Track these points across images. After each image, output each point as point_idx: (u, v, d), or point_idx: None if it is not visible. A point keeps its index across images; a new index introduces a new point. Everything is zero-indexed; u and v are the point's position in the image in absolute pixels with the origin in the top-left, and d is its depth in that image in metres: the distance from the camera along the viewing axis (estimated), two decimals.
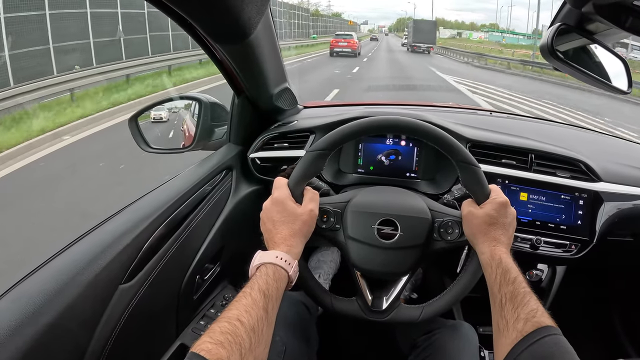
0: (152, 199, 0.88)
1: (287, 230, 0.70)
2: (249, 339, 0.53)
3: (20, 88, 6.23)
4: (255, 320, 0.55)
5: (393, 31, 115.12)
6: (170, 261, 0.86)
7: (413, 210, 0.81)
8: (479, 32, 68.67)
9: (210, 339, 0.50)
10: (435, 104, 1.66)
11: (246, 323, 0.54)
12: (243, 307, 0.56)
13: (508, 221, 0.72)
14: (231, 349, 0.50)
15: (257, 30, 0.78)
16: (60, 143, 5.17)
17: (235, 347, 0.51)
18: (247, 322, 0.54)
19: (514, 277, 0.64)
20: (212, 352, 0.49)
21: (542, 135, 1.19)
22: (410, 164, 1.14)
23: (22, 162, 4.50)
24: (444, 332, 0.91)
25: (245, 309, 0.56)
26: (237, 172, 1.15)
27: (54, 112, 6.10)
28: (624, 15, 0.62)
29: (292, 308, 0.95)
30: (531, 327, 0.56)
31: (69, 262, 0.67)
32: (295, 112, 1.30)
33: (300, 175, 0.75)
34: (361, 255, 0.79)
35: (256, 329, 0.55)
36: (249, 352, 0.52)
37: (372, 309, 0.81)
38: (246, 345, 0.52)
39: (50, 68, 7.86)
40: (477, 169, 0.75)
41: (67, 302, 0.63)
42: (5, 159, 4.51)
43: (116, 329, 0.72)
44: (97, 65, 8.55)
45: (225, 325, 0.53)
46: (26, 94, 6.11)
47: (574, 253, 1.06)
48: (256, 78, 1.01)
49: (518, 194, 1.07)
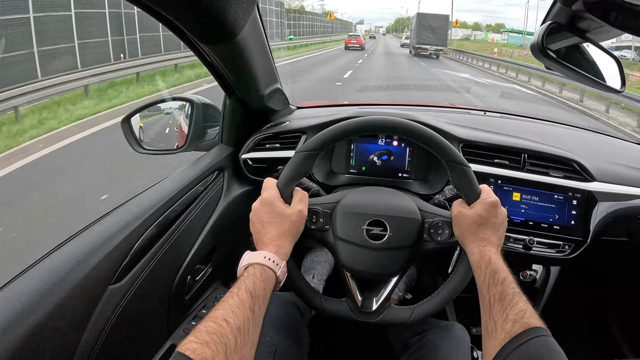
0: (143, 200, 0.88)
1: (276, 230, 0.70)
2: (234, 339, 0.53)
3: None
4: (241, 320, 0.55)
5: (391, 32, 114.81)
6: (161, 262, 0.86)
7: (403, 210, 0.81)
8: (492, 34, 60.89)
9: (195, 339, 0.50)
10: (430, 104, 1.66)
11: (232, 323, 0.54)
12: (229, 307, 0.56)
13: (498, 221, 0.72)
14: (216, 348, 0.50)
15: (244, 31, 0.78)
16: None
17: (220, 347, 0.51)
18: (233, 322, 0.54)
19: (503, 278, 0.63)
20: (197, 352, 0.49)
21: (535, 135, 1.18)
22: (403, 165, 1.13)
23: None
24: (436, 333, 0.91)
25: (232, 309, 0.56)
26: (229, 172, 1.15)
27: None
28: (614, 12, 0.61)
29: (282, 309, 0.94)
30: (520, 328, 0.56)
31: (58, 262, 0.67)
32: (287, 112, 1.30)
33: (289, 176, 0.75)
34: (350, 256, 0.79)
35: (242, 329, 0.55)
36: (235, 352, 0.52)
37: (361, 310, 0.80)
38: (232, 345, 0.52)
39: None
40: (467, 168, 0.74)
41: (57, 302, 0.63)
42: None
43: (106, 329, 0.72)
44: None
45: (211, 325, 0.53)
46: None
47: (567, 253, 1.05)
48: (246, 79, 1.00)
49: (511, 194, 1.06)
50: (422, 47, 23.23)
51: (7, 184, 3.93)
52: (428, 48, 23.05)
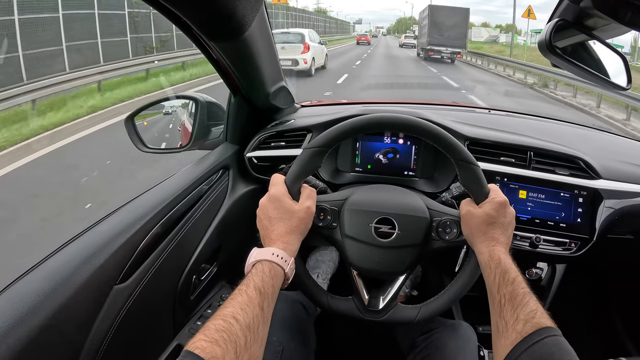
0: (147, 199, 0.87)
1: (284, 227, 0.69)
2: (244, 337, 0.52)
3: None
4: (250, 318, 0.55)
5: (393, 33, 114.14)
6: (166, 261, 0.85)
7: (411, 209, 0.80)
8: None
9: (205, 337, 0.50)
10: (433, 102, 1.66)
11: (241, 321, 0.53)
12: (238, 304, 0.56)
13: (507, 221, 0.71)
14: (226, 347, 0.50)
15: (251, 28, 0.78)
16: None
17: (230, 345, 0.50)
18: (242, 319, 0.54)
19: (513, 278, 0.63)
20: (206, 350, 0.48)
21: (540, 133, 1.18)
22: (409, 163, 1.13)
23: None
24: (443, 332, 0.90)
25: (241, 307, 0.55)
26: (234, 171, 1.14)
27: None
28: (622, 9, 0.61)
29: (289, 308, 0.94)
30: (531, 328, 0.56)
31: (62, 262, 0.67)
32: (292, 110, 1.30)
33: (297, 172, 0.74)
34: (358, 254, 0.79)
35: (252, 327, 0.54)
36: (244, 350, 0.51)
37: (368, 309, 0.80)
38: (241, 343, 0.51)
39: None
40: (476, 167, 0.74)
41: (61, 302, 0.62)
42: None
43: (111, 329, 0.71)
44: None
45: (220, 323, 0.52)
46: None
47: (573, 251, 1.05)
48: (252, 76, 1.00)
49: (517, 192, 1.06)
50: (434, 49, 18.10)
51: None
52: (442, 50, 18.06)
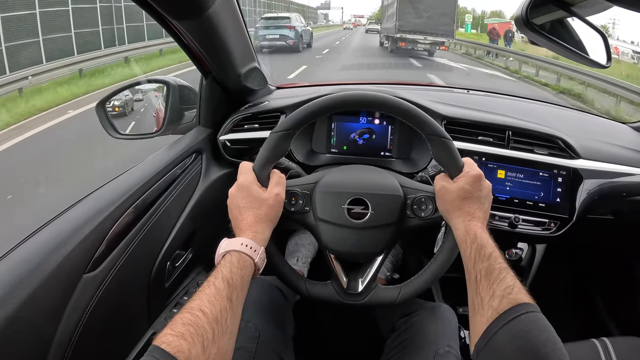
0: (116, 185, 0.85)
1: (253, 216, 0.68)
2: (211, 330, 0.51)
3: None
4: (218, 311, 0.54)
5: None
6: (138, 248, 0.83)
7: (384, 187, 0.79)
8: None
9: (171, 331, 0.49)
10: (412, 83, 1.64)
11: (209, 313, 0.53)
12: (206, 297, 0.55)
13: (483, 195, 0.70)
14: (193, 340, 0.49)
15: (216, 4, 0.74)
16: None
17: (197, 338, 0.49)
18: (209, 312, 0.53)
19: (489, 253, 0.61)
20: (172, 345, 0.47)
21: (520, 113, 1.17)
22: (385, 143, 1.11)
23: None
24: (423, 314, 0.90)
25: (208, 299, 0.54)
26: (207, 155, 1.12)
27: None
28: None
29: (266, 293, 0.93)
30: (507, 305, 0.54)
31: (30, 252, 0.65)
32: (267, 92, 1.27)
33: (264, 158, 0.72)
34: (332, 237, 0.77)
35: (219, 320, 0.53)
36: (212, 343, 0.51)
37: (347, 292, 0.79)
38: (209, 336, 0.51)
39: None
40: (448, 141, 0.72)
41: (29, 293, 0.60)
42: None
43: (82, 319, 0.70)
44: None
45: (187, 316, 0.51)
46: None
47: (553, 231, 1.05)
48: (221, 57, 0.97)
49: (495, 172, 1.05)
50: (406, 39, 12.42)
51: None
52: (418, 40, 12.43)
